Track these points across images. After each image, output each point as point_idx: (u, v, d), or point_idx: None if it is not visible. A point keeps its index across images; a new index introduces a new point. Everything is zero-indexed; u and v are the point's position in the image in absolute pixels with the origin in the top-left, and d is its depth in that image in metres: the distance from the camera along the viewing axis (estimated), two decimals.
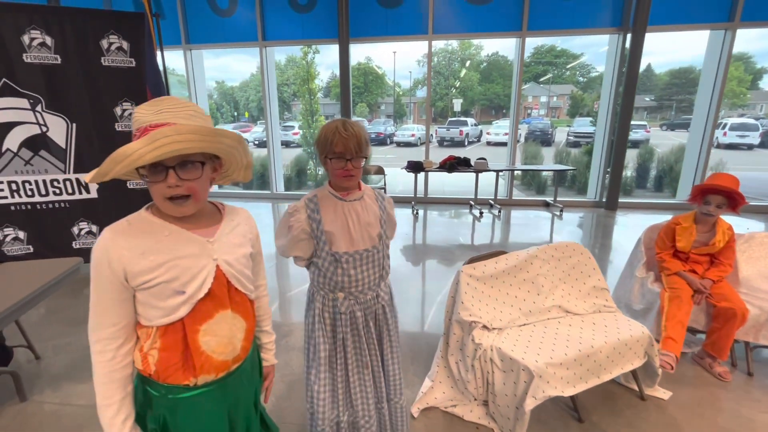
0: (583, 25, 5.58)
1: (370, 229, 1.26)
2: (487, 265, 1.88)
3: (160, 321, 0.81)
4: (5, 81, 3.02)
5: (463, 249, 4.32)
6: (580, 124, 16.76)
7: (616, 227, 5.17)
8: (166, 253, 0.80)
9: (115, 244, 0.77)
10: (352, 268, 1.24)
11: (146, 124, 0.73)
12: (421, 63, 35.16)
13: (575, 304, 1.95)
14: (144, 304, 0.81)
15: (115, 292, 0.78)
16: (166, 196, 0.77)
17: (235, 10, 6.19)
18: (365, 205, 1.27)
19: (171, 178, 0.75)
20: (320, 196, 1.26)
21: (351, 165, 1.16)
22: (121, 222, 0.81)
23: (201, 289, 0.82)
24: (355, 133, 1.13)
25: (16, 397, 1.89)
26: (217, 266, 0.85)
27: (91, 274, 0.78)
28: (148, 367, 0.82)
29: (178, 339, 0.82)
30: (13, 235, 3.27)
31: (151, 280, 0.78)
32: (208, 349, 0.84)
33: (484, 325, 1.75)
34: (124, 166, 0.70)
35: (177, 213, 0.80)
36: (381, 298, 1.34)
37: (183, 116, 0.75)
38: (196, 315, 0.82)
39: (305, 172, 8.82)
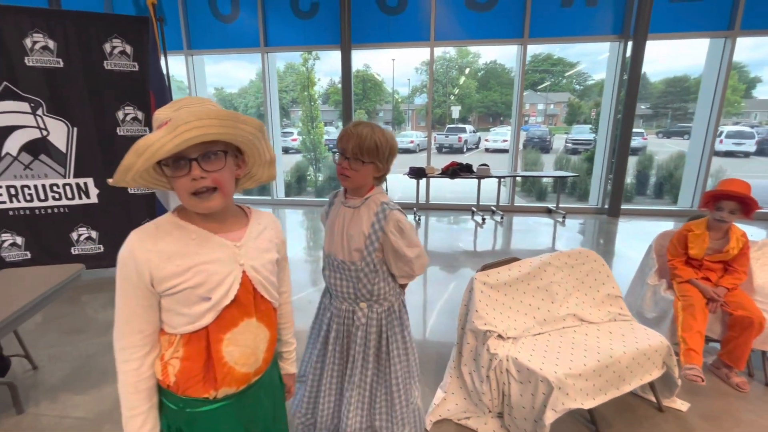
0: (584, 32, 5.62)
1: (351, 242, 1.19)
2: (501, 273, 1.84)
3: (184, 328, 0.78)
4: (6, 84, 2.98)
5: (467, 255, 4.28)
6: (578, 131, 16.85)
7: (619, 234, 5.15)
8: (193, 258, 0.76)
9: (141, 247, 0.74)
10: (327, 268, 1.28)
11: (166, 120, 0.70)
12: (419, 70, 35.38)
13: (590, 313, 1.91)
14: (169, 310, 0.78)
15: (142, 298, 0.75)
16: (191, 190, 0.73)
17: (237, 16, 6.19)
18: (356, 216, 1.19)
19: (195, 169, 0.71)
20: (340, 192, 1.30)
21: (347, 164, 1.13)
22: (148, 225, 0.78)
23: (227, 295, 0.79)
24: (359, 133, 1.10)
25: (12, 410, 1.82)
26: (243, 272, 0.82)
27: (117, 279, 0.75)
28: (167, 377, 0.78)
29: (201, 348, 0.78)
30: (10, 240, 3.21)
31: (177, 285, 0.75)
32: (231, 360, 0.80)
33: (499, 335, 1.70)
34: (146, 158, 0.67)
35: (204, 209, 0.76)
36: (357, 319, 1.26)
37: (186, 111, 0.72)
38: (220, 323, 0.79)
39: (305, 178, 8.78)
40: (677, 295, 2.09)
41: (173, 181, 0.73)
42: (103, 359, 2.31)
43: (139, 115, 3.33)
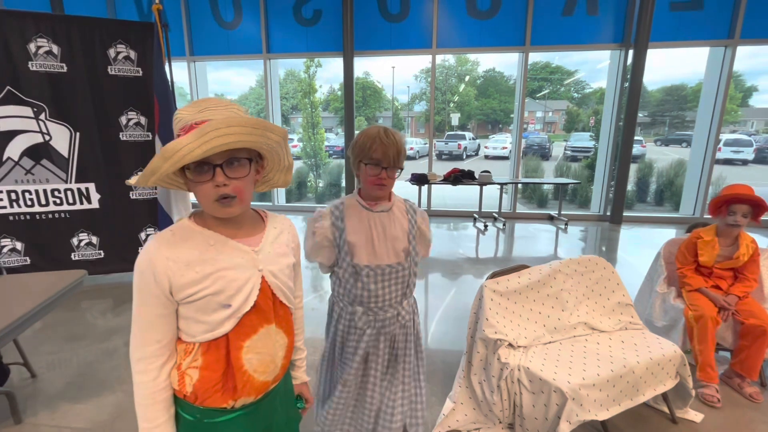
0: (585, 41, 5.66)
1: (396, 244, 1.19)
2: (510, 280, 1.81)
3: (203, 337, 0.76)
4: (9, 89, 2.96)
5: (470, 262, 4.25)
6: (577, 138, 16.93)
7: (621, 241, 5.13)
8: (212, 264, 0.75)
9: (160, 255, 0.72)
10: (372, 282, 1.18)
11: (191, 122, 0.69)
12: (419, 78, 35.65)
13: (601, 321, 1.88)
14: (187, 318, 0.76)
15: (161, 307, 0.74)
16: (214, 197, 0.72)
17: (240, 23, 6.22)
18: (393, 218, 1.21)
19: (219, 176, 0.70)
20: (347, 203, 1.20)
21: (385, 174, 1.11)
22: (165, 232, 0.77)
23: (247, 302, 0.77)
24: (395, 141, 1.10)
25: (10, 419, 1.77)
26: (262, 278, 0.80)
27: (135, 287, 0.74)
28: (184, 387, 0.76)
29: (221, 356, 0.76)
30: (10, 246, 3.17)
31: (197, 292, 0.73)
32: (250, 368, 0.78)
33: (510, 343, 1.67)
34: (173, 162, 0.65)
35: (225, 214, 0.75)
36: (401, 317, 1.26)
37: (219, 114, 0.71)
38: (240, 330, 0.77)
39: (305, 184, 8.78)
40: (687, 304, 2.06)
41: (195, 185, 0.72)
42: (103, 367, 2.26)
43: (142, 120, 3.32)
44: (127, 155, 3.32)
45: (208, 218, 0.78)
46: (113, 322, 2.84)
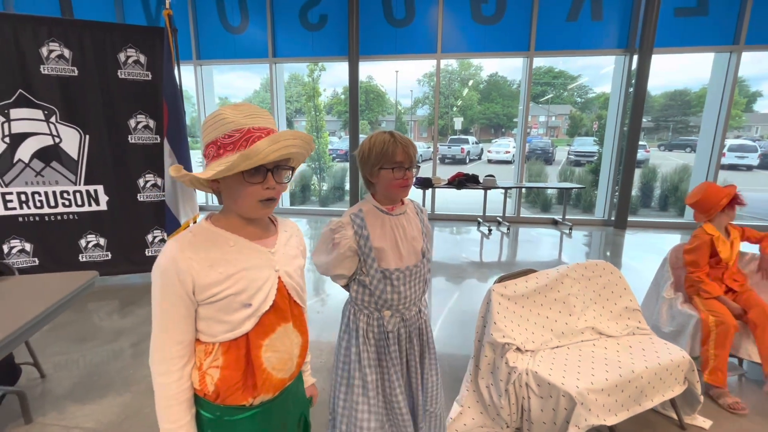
0: (590, 46, 5.68)
1: (415, 244, 1.22)
2: (518, 284, 1.82)
3: (224, 336, 0.77)
4: (21, 92, 3.01)
5: (474, 266, 4.25)
6: (581, 143, 16.92)
7: (626, 246, 5.12)
8: (234, 265, 0.77)
9: (183, 255, 0.74)
10: (402, 284, 1.19)
11: (247, 127, 0.73)
12: (422, 82, 35.77)
13: (608, 326, 1.88)
14: (208, 319, 0.77)
15: (183, 307, 0.75)
16: (262, 198, 0.77)
17: (247, 28, 6.28)
18: (409, 219, 1.23)
19: (270, 180, 0.76)
20: (366, 210, 1.19)
21: (410, 173, 1.13)
22: (185, 234, 0.78)
23: (266, 301, 0.80)
24: (410, 141, 1.14)
25: (21, 419, 1.78)
26: (278, 278, 0.83)
27: (156, 289, 0.75)
28: (205, 387, 0.78)
29: (241, 356, 0.78)
30: (19, 247, 3.20)
31: (220, 292, 0.75)
32: (269, 366, 0.81)
33: (518, 347, 1.67)
34: (252, 162, 0.70)
35: (263, 215, 0.81)
36: (423, 313, 1.30)
37: (271, 122, 0.78)
38: (260, 329, 0.79)
39: (309, 187, 8.81)
40: (704, 310, 2.05)
41: (241, 186, 0.75)
42: (110, 368, 2.27)
43: (150, 123, 3.35)
44: (136, 157, 3.35)
45: (226, 220, 0.81)
46: (120, 323, 2.86)
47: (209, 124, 0.75)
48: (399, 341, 1.22)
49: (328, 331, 2.73)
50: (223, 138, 0.73)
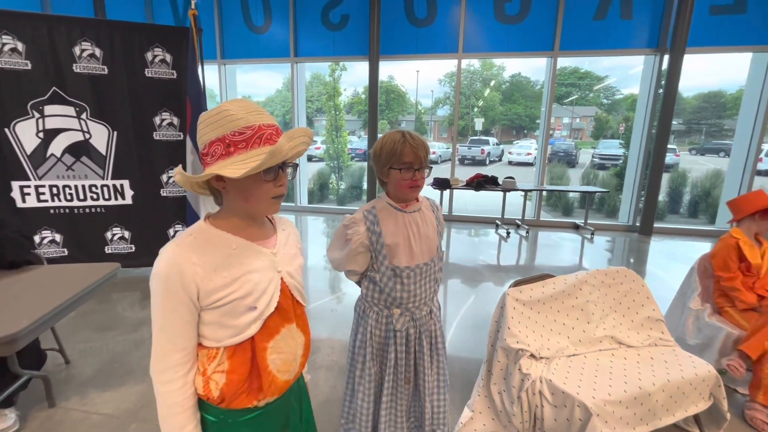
0: (618, 45, 5.49)
1: (429, 242, 1.22)
2: (534, 289, 1.77)
3: (230, 341, 0.76)
4: (55, 89, 3.14)
5: (491, 269, 4.19)
6: (606, 146, 16.44)
7: (651, 253, 4.93)
8: (238, 268, 0.76)
9: (187, 260, 0.72)
10: (412, 282, 1.19)
11: (257, 123, 0.73)
12: (443, 82, 35.52)
13: (628, 335, 1.81)
14: (212, 324, 0.76)
15: (187, 314, 0.73)
16: (275, 195, 0.78)
17: (270, 28, 6.38)
18: (424, 217, 1.23)
19: (282, 177, 0.77)
20: (378, 207, 1.20)
21: (419, 175, 1.12)
22: (185, 237, 0.76)
23: (270, 303, 0.79)
24: (422, 142, 1.12)
25: (45, 402, 1.86)
26: (281, 279, 0.83)
27: (157, 296, 0.72)
28: (209, 392, 0.77)
29: (246, 359, 0.78)
30: (50, 237, 3.35)
31: (225, 297, 0.74)
32: (274, 369, 0.80)
33: (532, 354, 1.63)
34: (275, 160, 0.72)
35: (274, 211, 0.82)
36: (434, 314, 1.29)
37: (273, 119, 0.77)
38: (264, 331, 0.79)
39: (327, 186, 8.88)
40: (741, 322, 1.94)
41: (254, 184, 0.74)
42: (131, 357, 2.35)
43: (174, 121, 3.45)
44: (160, 154, 3.45)
45: (227, 221, 0.79)
46: (141, 314, 2.95)
47: (212, 121, 0.72)
48: (407, 342, 1.22)
49: (341, 330, 2.74)
50: (232, 135, 0.71)
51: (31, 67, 3.06)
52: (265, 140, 0.73)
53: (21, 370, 1.60)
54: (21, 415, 1.76)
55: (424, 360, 1.24)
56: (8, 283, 1.65)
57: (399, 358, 1.22)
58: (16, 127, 3.11)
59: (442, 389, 1.31)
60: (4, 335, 1.18)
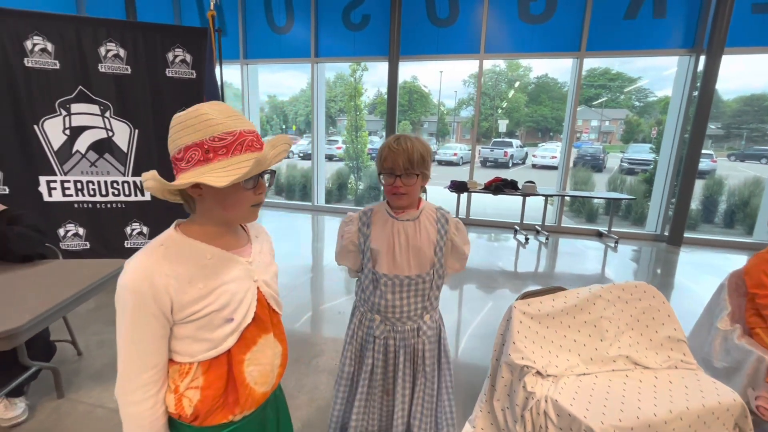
0: (649, 45, 5.23)
1: (420, 255, 1.15)
2: (543, 302, 1.68)
3: (205, 355, 0.73)
4: (81, 88, 3.26)
5: (507, 276, 4.06)
6: (636, 150, 15.78)
7: (680, 265, 4.67)
8: (214, 279, 0.73)
9: (158, 271, 0.68)
10: (389, 292, 1.15)
11: (238, 129, 0.70)
12: (467, 83, 35.09)
13: (645, 356, 1.69)
14: (186, 338, 0.72)
15: (159, 328, 0.69)
16: (255, 203, 0.76)
17: (291, 28, 6.44)
18: (419, 227, 1.16)
19: (262, 184, 0.76)
20: (376, 210, 1.20)
21: (400, 182, 1.08)
22: (155, 247, 0.72)
23: (248, 314, 0.77)
24: (405, 148, 1.06)
25: (54, 393, 1.92)
26: (257, 288, 0.80)
27: (125, 311, 0.67)
28: (182, 410, 0.73)
29: (223, 373, 0.74)
30: (73, 231, 3.48)
31: (201, 309, 0.71)
32: (251, 381, 0.77)
33: (538, 371, 1.54)
34: (260, 168, 0.70)
35: (253, 219, 0.80)
36: (423, 333, 1.22)
37: (252, 124, 0.75)
38: (241, 343, 0.76)
39: (346, 186, 8.90)
40: None
41: (239, 192, 0.72)
42: None
43: None
44: None
45: (200, 229, 0.76)
46: None
47: (189, 124, 0.68)
48: (386, 351, 1.18)
49: (332, 329, 2.72)
50: (211, 141, 0.68)
51: (60, 67, 3.18)
52: (247, 147, 0.70)
53: (30, 362, 1.65)
54: (30, 405, 1.82)
55: (397, 375, 1.20)
56: (19, 276, 1.71)
57: (375, 365, 1.19)
58: (44, 124, 3.24)
59: (426, 414, 1.24)
60: (6, 330, 1.21)
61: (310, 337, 2.65)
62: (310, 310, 3.11)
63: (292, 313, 3.02)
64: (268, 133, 29.73)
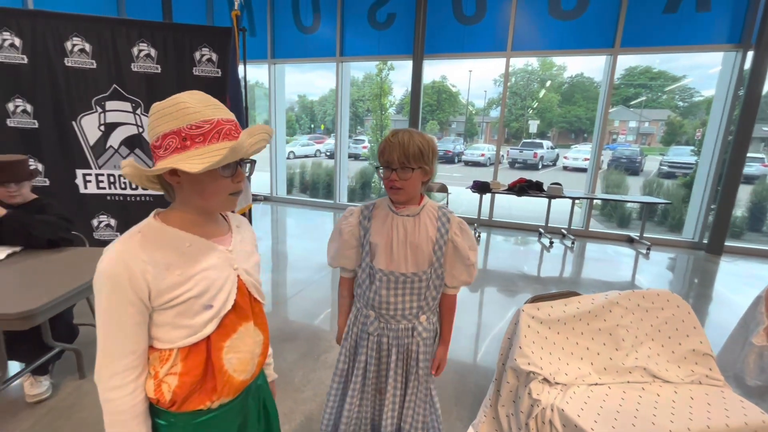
0: (691, 41, 4.92)
1: (417, 252, 1.12)
2: (554, 307, 1.61)
3: (184, 342, 0.73)
4: (115, 87, 3.43)
5: (528, 280, 3.93)
6: (677, 153, 14.91)
7: (719, 275, 4.36)
8: (193, 266, 0.74)
9: (135, 257, 0.68)
10: (384, 288, 1.13)
11: (216, 118, 0.71)
12: (497, 82, 34.38)
13: (666, 369, 1.58)
14: (165, 324, 0.73)
15: (136, 314, 0.69)
16: (233, 191, 0.76)
17: (318, 28, 6.53)
18: (418, 224, 1.13)
19: (240, 173, 0.76)
20: (378, 204, 1.19)
21: (396, 176, 1.06)
22: (133, 234, 0.73)
23: (227, 301, 0.77)
24: (401, 141, 1.04)
25: (76, 373, 2.02)
26: (237, 276, 0.81)
27: (102, 297, 0.68)
28: (162, 396, 0.74)
29: (201, 360, 0.75)
30: (105, 222, 3.67)
31: (180, 296, 0.71)
32: (230, 369, 0.77)
33: (545, 378, 1.47)
34: (236, 156, 0.71)
35: (232, 207, 0.80)
36: (418, 334, 1.18)
37: (231, 114, 0.76)
38: (221, 331, 0.77)
39: (369, 184, 8.94)
40: None
41: (217, 180, 0.72)
42: None
43: None
44: None
45: (180, 218, 0.76)
46: None
47: (167, 112, 0.70)
48: (379, 349, 1.16)
49: None
50: (188, 128, 0.69)
51: (96, 66, 3.36)
52: (224, 135, 0.71)
53: (54, 342, 1.75)
54: (54, 383, 1.93)
55: (389, 374, 1.17)
56: (43, 260, 1.81)
57: (369, 363, 1.17)
58: (82, 120, 3.44)
59: (417, 420, 1.21)
60: (22, 311, 1.29)
61: (321, 332, 2.66)
62: (325, 305, 3.13)
63: (309, 308, 3.06)
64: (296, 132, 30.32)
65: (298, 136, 24.39)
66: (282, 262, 4.26)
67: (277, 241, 5.00)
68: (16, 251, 1.86)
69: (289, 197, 7.86)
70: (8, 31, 3.19)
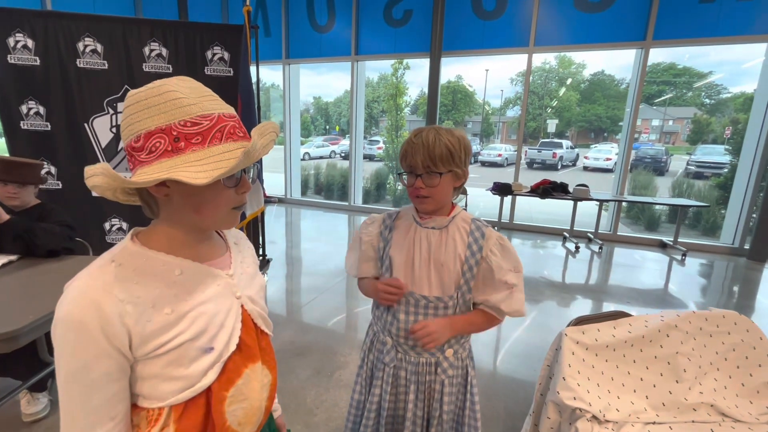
0: (730, 32, 4.58)
1: (443, 272, 0.94)
2: (602, 330, 1.40)
3: (177, 398, 0.56)
4: (126, 87, 3.36)
5: (552, 287, 3.70)
6: (705, 151, 14.25)
7: (763, 284, 4.02)
8: (185, 300, 0.57)
9: (108, 296, 0.51)
10: (402, 312, 0.95)
11: (216, 113, 0.56)
12: (515, 81, 33.77)
13: (735, 404, 1.36)
14: (153, 377, 0.55)
15: (115, 370, 0.52)
16: (236, 204, 0.61)
17: (333, 27, 6.40)
18: (446, 238, 0.95)
19: (246, 182, 0.61)
20: (401, 213, 1.03)
21: (421, 182, 0.88)
22: (104, 264, 0.55)
23: (231, 340, 0.60)
24: (425, 142, 0.86)
25: None
26: (241, 306, 0.64)
27: (65, 349, 0.50)
28: None
29: (200, 418, 0.57)
30: (117, 225, 3.60)
31: (171, 340, 0.54)
32: (234, 423, 0.60)
33: (594, 416, 1.27)
34: (250, 160, 0.56)
35: (235, 224, 0.64)
36: (442, 371, 0.99)
37: (231, 108, 0.61)
38: (223, 377, 0.59)
39: (384, 186, 8.77)
40: None
41: (219, 191, 0.57)
42: None
43: None
44: None
45: (165, 238, 0.60)
46: None
47: (152, 104, 0.52)
48: (396, 384, 0.98)
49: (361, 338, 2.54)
50: (182, 126, 0.52)
51: (108, 67, 3.29)
52: (228, 135, 0.55)
53: (49, 357, 1.63)
54: (53, 400, 1.82)
55: (406, 416, 0.99)
56: (40, 272, 1.69)
57: (383, 398, 0.99)
58: (94, 122, 3.37)
59: None
60: (3, 332, 1.16)
61: (337, 345, 2.50)
62: (340, 314, 2.98)
63: (321, 317, 2.91)
64: (312, 133, 30.42)
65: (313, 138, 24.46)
66: (296, 268, 4.13)
67: (291, 245, 4.88)
68: (12, 260, 1.76)
69: (303, 199, 7.76)
70: (21, 32, 3.15)
